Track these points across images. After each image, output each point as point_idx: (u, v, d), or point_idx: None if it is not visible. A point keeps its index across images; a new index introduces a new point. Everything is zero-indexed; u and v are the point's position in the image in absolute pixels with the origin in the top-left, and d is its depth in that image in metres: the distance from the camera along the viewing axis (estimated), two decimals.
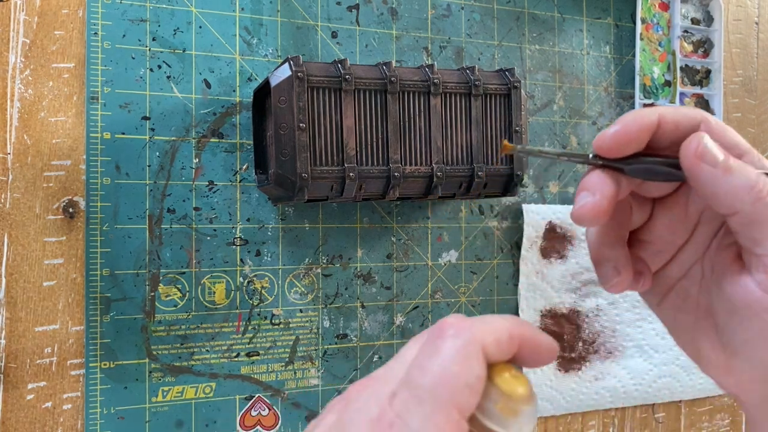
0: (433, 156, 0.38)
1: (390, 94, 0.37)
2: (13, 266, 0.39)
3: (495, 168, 0.40)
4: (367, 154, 0.36)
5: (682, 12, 0.56)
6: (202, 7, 0.43)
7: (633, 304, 0.54)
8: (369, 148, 0.37)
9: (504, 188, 0.42)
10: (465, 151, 0.39)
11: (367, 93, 0.37)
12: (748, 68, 0.60)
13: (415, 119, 0.38)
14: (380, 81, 0.37)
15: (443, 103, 0.39)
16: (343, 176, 0.36)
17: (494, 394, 0.19)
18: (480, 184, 0.40)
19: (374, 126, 0.37)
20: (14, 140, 0.39)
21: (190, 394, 0.42)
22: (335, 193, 0.36)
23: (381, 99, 0.38)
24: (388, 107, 0.37)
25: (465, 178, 0.39)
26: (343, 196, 0.37)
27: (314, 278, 0.45)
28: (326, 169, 0.36)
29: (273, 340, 0.44)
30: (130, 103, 0.41)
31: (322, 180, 0.36)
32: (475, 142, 0.40)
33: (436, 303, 0.48)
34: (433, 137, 0.38)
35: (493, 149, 0.40)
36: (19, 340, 0.39)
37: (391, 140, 0.37)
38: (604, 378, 0.52)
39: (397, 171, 0.37)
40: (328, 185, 0.36)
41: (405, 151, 0.37)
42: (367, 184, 0.37)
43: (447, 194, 0.40)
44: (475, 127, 0.40)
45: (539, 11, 0.52)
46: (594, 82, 0.53)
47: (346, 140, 0.36)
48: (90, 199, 0.40)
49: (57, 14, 0.40)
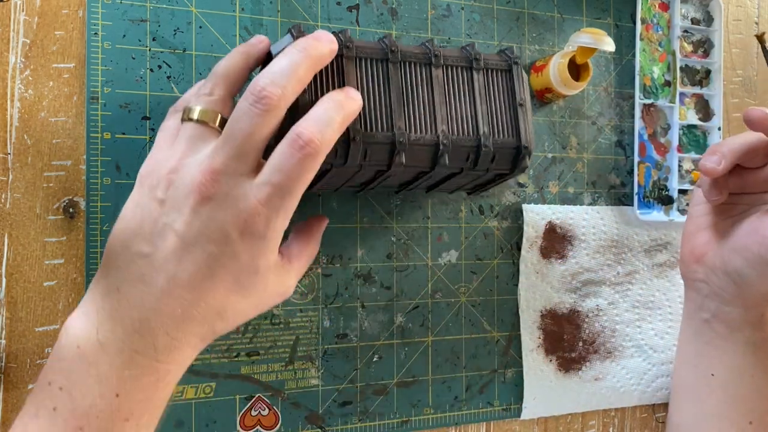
0: (438, 125, 0.37)
1: (392, 63, 0.37)
2: (14, 266, 0.39)
3: (501, 140, 0.39)
4: (370, 119, 0.36)
5: (682, 12, 0.56)
6: (202, 7, 0.43)
7: (633, 305, 0.54)
8: (372, 114, 0.36)
9: (512, 163, 0.40)
10: (470, 123, 0.39)
11: (369, 61, 0.37)
12: (748, 68, 0.60)
13: (418, 89, 0.38)
14: (381, 51, 0.37)
15: (445, 75, 0.39)
16: (347, 139, 0.35)
17: None
18: (488, 156, 0.39)
19: (377, 93, 0.36)
20: (14, 140, 0.39)
21: (190, 394, 0.42)
22: (339, 159, 0.35)
23: (383, 67, 0.37)
24: (390, 75, 0.37)
25: (472, 149, 0.38)
26: (347, 164, 0.35)
27: (314, 278, 0.45)
28: None
29: (273, 340, 0.44)
30: (131, 103, 0.41)
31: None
32: (480, 115, 0.39)
33: (436, 303, 0.48)
34: (437, 106, 0.38)
35: (498, 123, 0.39)
36: (19, 340, 0.39)
37: (395, 107, 0.36)
38: (605, 378, 0.52)
39: (401, 137, 0.36)
40: (332, 150, 0.34)
41: (409, 119, 0.37)
42: (371, 150, 0.36)
43: (454, 169, 0.39)
44: (479, 99, 0.39)
45: (539, 11, 0.52)
46: (594, 82, 0.53)
47: None
48: (90, 200, 0.40)
49: (57, 14, 0.40)
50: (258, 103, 0.29)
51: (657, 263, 0.54)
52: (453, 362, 0.48)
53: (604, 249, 0.53)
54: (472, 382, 0.49)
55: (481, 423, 0.49)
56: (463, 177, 0.41)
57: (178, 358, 0.31)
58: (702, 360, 0.48)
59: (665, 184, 0.54)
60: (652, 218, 0.53)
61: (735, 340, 0.46)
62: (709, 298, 0.46)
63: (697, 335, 0.48)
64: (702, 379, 0.48)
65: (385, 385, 0.46)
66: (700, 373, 0.48)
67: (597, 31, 0.46)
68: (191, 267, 0.29)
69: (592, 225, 0.52)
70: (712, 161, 0.41)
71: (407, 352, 0.47)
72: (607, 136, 0.54)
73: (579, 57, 0.47)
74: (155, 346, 0.29)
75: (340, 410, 0.45)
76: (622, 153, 0.54)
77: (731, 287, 0.44)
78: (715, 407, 0.47)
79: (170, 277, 0.29)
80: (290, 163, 0.29)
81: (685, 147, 0.55)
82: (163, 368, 0.30)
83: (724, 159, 0.41)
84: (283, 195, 0.30)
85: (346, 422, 0.45)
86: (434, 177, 0.41)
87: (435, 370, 0.48)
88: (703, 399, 0.48)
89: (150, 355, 0.29)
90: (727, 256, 0.43)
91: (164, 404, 0.32)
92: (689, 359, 0.49)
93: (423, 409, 0.47)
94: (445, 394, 0.48)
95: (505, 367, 0.50)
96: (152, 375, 0.30)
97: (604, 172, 0.53)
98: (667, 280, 0.55)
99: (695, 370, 0.48)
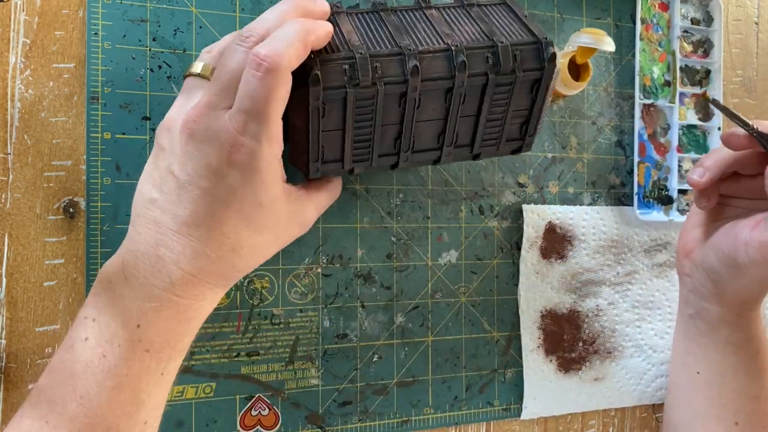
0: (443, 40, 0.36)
1: (383, 12, 0.38)
2: (14, 266, 0.39)
3: (516, 40, 0.37)
4: (373, 45, 0.35)
5: (682, 12, 0.56)
6: (202, 7, 0.43)
7: (632, 305, 0.54)
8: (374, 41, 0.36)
9: (539, 59, 0.37)
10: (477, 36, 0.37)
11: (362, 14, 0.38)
12: (748, 68, 0.60)
13: (415, 23, 0.37)
14: (373, 6, 0.38)
15: (441, 15, 0.38)
16: (353, 57, 0.34)
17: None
18: (507, 53, 0.36)
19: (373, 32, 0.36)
20: (15, 140, 0.39)
21: (191, 394, 0.42)
22: (351, 81, 0.34)
23: (376, 16, 0.38)
24: (384, 19, 0.37)
25: (488, 49, 0.36)
26: (361, 82, 0.34)
27: (314, 278, 0.45)
28: (333, 57, 0.34)
29: (273, 340, 0.44)
30: (131, 104, 0.41)
31: (331, 64, 0.34)
32: (485, 31, 0.37)
33: (436, 303, 0.48)
34: (438, 29, 0.37)
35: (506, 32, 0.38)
36: (19, 340, 0.39)
37: (395, 34, 0.36)
38: (604, 378, 0.52)
39: (409, 47, 0.35)
40: (340, 70, 0.34)
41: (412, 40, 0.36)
42: (382, 65, 0.35)
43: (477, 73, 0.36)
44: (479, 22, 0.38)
45: (539, 11, 0.52)
46: (594, 82, 0.53)
47: (347, 37, 0.35)
48: (90, 200, 0.40)
49: (57, 14, 0.40)
50: (243, 42, 0.31)
51: (657, 263, 0.54)
52: (453, 362, 0.48)
53: (603, 249, 0.53)
54: (472, 382, 0.49)
55: (481, 423, 0.49)
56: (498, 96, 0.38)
57: (195, 293, 0.32)
58: (689, 357, 0.49)
59: (665, 184, 0.54)
60: (652, 218, 0.53)
61: (715, 338, 0.47)
62: (692, 293, 0.47)
63: (685, 332, 0.49)
64: (690, 378, 0.49)
65: (385, 385, 0.47)
66: (688, 371, 0.49)
67: (597, 31, 0.46)
68: (191, 205, 0.31)
69: (592, 225, 0.52)
70: (696, 174, 0.43)
71: (407, 352, 0.47)
72: (607, 136, 0.54)
73: (579, 57, 0.47)
74: (171, 281, 0.31)
75: (340, 410, 0.45)
76: (622, 153, 0.54)
77: (709, 284, 0.45)
78: (702, 406, 0.48)
79: (175, 216, 0.31)
80: (253, 84, 0.30)
81: (685, 147, 0.55)
82: (183, 303, 0.32)
83: (707, 172, 0.43)
84: (258, 119, 0.30)
85: (346, 422, 0.45)
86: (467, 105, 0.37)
87: (435, 370, 0.48)
88: (691, 398, 0.49)
89: (168, 288, 0.32)
90: (706, 253, 0.45)
91: (185, 345, 0.34)
92: (680, 357, 0.50)
93: (423, 409, 0.47)
94: (445, 394, 0.48)
95: (505, 367, 0.50)
96: (171, 308, 0.32)
97: (604, 172, 0.53)
98: (666, 280, 0.55)
99: (684, 368, 0.49)
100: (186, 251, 0.31)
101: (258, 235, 0.33)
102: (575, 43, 0.46)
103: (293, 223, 0.35)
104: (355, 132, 0.37)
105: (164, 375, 0.33)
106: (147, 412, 0.33)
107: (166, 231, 0.31)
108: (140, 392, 0.32)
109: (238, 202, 0.31)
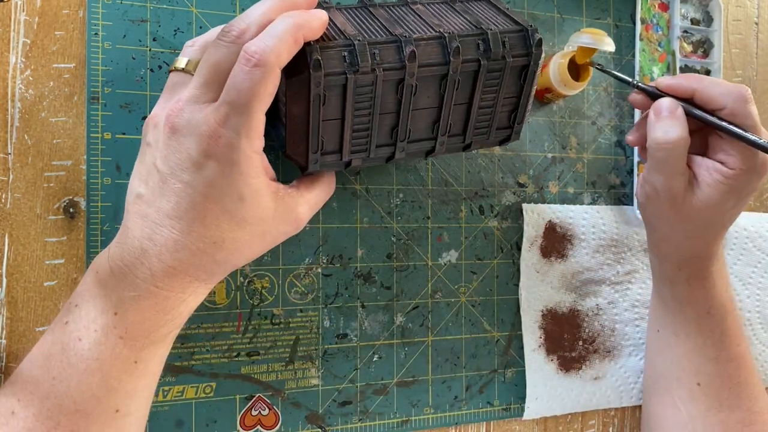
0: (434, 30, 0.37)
1: (371, 6, 0.39)
2: (14, 266, 0.39)
3: (503, 28, 0.38)
4: (368, 35, 0.36)
5: (682, 12, 0.56)
6: (202, 7, 0.43)
7: (632, 304, 0.54)
8: (369, 31, 0.36)
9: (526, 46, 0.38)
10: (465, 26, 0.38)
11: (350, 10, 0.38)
12: (748, 68, 0.60)
13: (404, 16, 0.38)
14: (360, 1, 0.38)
15: (427, 9, 0.39)
16: (351, 44, 0.34)
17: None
18: (497, 39, 0.37)
19: (364, 24, 0.37)
20: (15, 140, 0.39)
21: (191, 394, 0.42)
22: (351, 67, 0.34)
23: (365, 11, 0.38)
24: (373, 13, 0.38)
25: (479, 37, 0.37)
26: (360, 68, 0.34)
27: (314, 278, 0.45)
28: (332, 44, 0.34)
29: (273, 340, 0.44)
30: (131, 104, 0.41)
31: (331, 51, 0.34)
32: (471, 21, 0.39)
33: (436, 303, 0.48)
34: (427, 21, 0.38)
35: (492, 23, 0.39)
36: (19, 340, 0.39)
37: (388, 25, 0.37)
38: (605, 377, 0.52)
39: (405, 34, 0.36)
40: (339, 56, 0.34)
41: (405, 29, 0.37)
42: (379, 52, 0.35)
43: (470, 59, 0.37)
44: (467, 16, 0.39)
45: (539, 11, 0.52)
46: (594, 82, 0.53)
47: (342, 28, 0.36)
48: (90, 200, 0.40)
49: (57, 14, 0.40)
50: (225, 36, 0.32)
51: None
52: (453, 362, 0.48)
53: (603, 248, 0.53)
54: (472, 382, 0.49)
55: (481, 423, 0.49)
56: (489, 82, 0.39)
57: (174, 285, 0.33)
58: (651, 315, 0.51)
59: None
60: None
61: (662, 295, 0.48)
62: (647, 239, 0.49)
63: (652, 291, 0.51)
64: (653, 337, 0.50)
65: (385, 384, 0.47)
66: (651, 330, 0.51)
67: (597, 31, 0.46)
68: (173, 197, 0.32)
69: (592, 224, 0.52)
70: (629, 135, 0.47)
71: (407, 352, 0.47)
72: (607, 136, 0.54)
73: (579, 57, 0.47)
74: (152, 272, 0.32)
75: (340, 410, 0.45)
76: (622, 153, 0.54)
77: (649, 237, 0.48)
78: (662, 366, 0.49)
79: (158, 209, 0.32)
80: (240, 78, 0.30)
81: None
82: (162, 294, 0.33)
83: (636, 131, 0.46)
84: (240, 112, 0.30)
85: (346, 422, 0.45)
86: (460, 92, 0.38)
87: (435, 370, 0.48)
88: (654, 358, 0.50)
89: (148, 279, 0.32)
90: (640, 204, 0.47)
91: (162, 336, 0.34)
92: (649, 317, 0.52)
93: (423, 409, 0.48)
94: (445, 394, 0.48)
95: (505, 367, 0.50)
96: (150, 299, 0.32)
97: (604, 172, 0.53)
98: None
99: (649, 327, 0.51)
100: (168, 243, 0.32)
101: (239, 228, 0.33)
102: (575, 43, 0.46)
103: (283, 221, 0.35)
104: (354, 121, 0.37)
105: (138, 363, 0.33)
106: (119, 400, 0.33)
107: (150, 224, 0.32)
108: (110, 378, 0.32)
109: (218, 195, 0.32)
